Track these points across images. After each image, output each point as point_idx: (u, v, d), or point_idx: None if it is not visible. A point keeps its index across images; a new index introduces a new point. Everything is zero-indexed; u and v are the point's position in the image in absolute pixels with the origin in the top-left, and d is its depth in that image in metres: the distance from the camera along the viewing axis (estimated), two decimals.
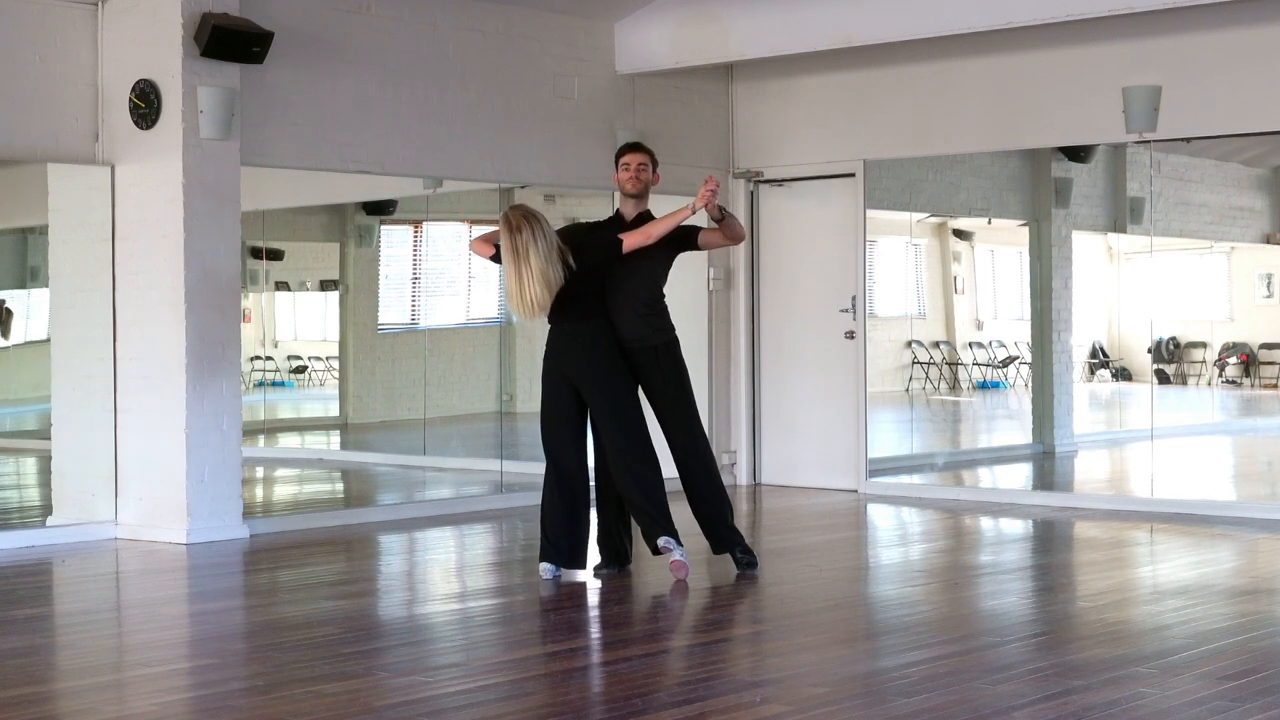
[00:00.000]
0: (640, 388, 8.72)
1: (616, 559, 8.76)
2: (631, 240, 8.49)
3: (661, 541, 8.42)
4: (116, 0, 10.15)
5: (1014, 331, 15.09)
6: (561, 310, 8.48)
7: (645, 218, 8.75)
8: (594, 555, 8.78)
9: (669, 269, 8.81)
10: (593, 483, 8.69)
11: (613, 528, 8.77)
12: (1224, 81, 11.05)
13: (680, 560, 8.42)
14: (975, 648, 6.86)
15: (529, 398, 14.43)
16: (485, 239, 8.65)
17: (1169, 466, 12.39)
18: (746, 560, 8.74)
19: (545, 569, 8.53)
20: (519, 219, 8.35)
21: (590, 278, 8.48)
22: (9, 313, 13.20)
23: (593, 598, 8.25)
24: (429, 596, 8.66)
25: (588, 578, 8.56)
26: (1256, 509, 11.18)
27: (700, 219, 8.65)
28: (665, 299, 8.80)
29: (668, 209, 8.71)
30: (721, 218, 8.60)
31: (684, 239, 8.70)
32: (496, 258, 8.52)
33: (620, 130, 12.27)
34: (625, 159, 8.83)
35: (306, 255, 15.58)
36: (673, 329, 8.79)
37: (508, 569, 9.31)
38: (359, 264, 15.25)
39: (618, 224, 8.78)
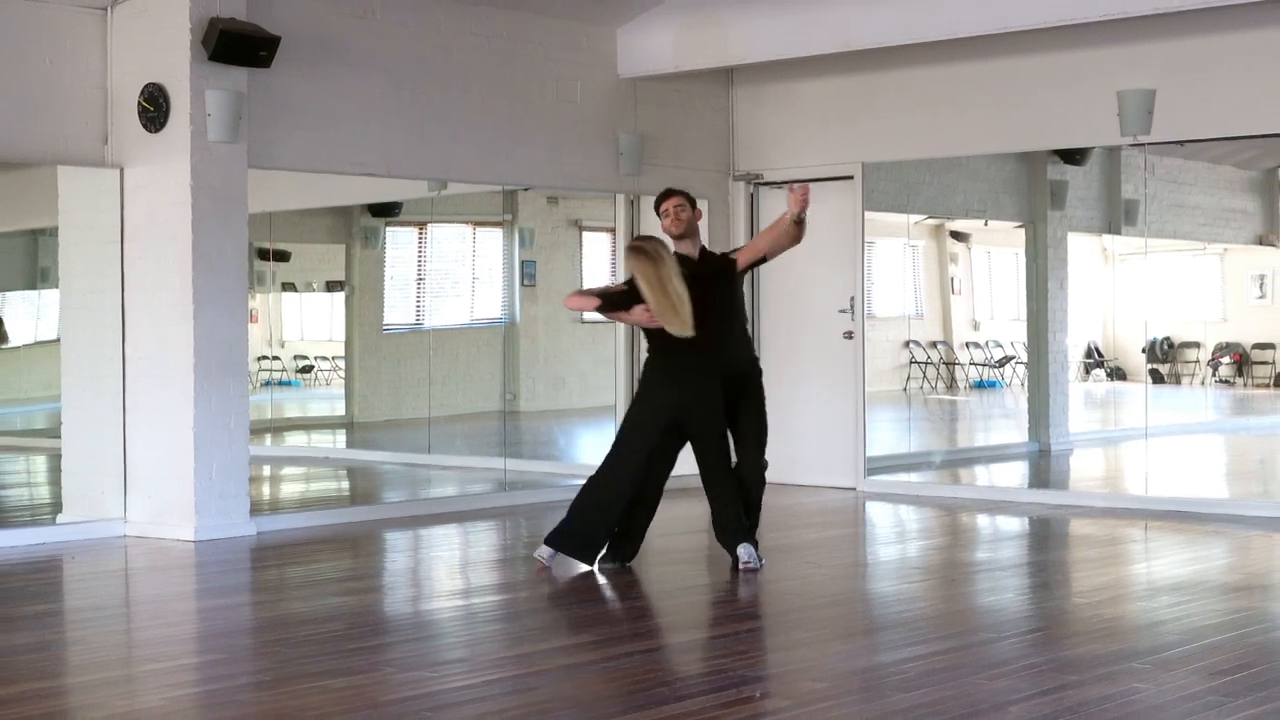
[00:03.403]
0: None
1: (622, 556, 8.80)
2: (743, 257, 8.75)
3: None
4: (125, 5, 10.16)
5: (1010, 332, 15.10)
6: (679, 340, 8.48)
7: (707, 254, 8.80)
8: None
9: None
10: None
11: (636, 528, 8.81)
12: (1217, 85, 11.04)
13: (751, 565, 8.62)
14: (972, 643, 6.86)
15: (532, 396, 14.48)
16: (586, 294, 8.93)
17: (1163, 465, 12.40)
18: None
19: (548, 553, 8.69)
20: (657, 248, 8.46)
21: (706, 307, 8.50)
22: None
23: (595, 594, 8.25)
24: (433, 593, 8.66)
25: (587, 571, 8.58)
26: (1249, 507, 11.17)
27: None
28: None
29: None
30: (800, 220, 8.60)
31: (728, 269, 8.85)
32: (603, 308, 8.64)
33: (622, 134, 12.28)
34: (663, 206, 8.80)
35: (313, 256, 15.59)
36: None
37: (511, 566, 9.31)
38: (364, 265, 15.25)
39: (686, 265, 8.63)
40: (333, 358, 15.77)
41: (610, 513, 8.65)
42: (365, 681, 6.16)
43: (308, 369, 15.93)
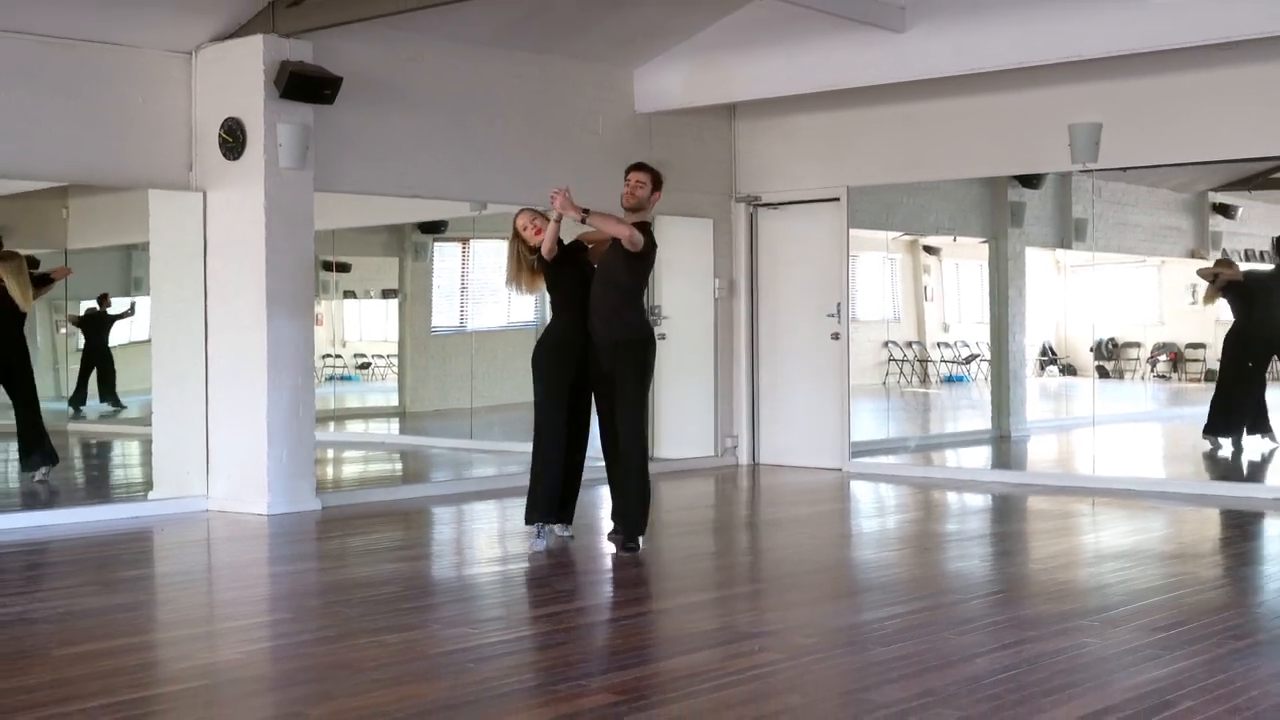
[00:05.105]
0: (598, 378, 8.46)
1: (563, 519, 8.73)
2: (543, 249, 8.31)
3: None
4: (208, 50, 10.17)
5: (975, 333, 15.07)
6: (557, 311, 8.54)
7: (639, 229, 8.57)
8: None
9: (633, 276, 8.39)
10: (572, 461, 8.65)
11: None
12: (1156, 119, 11.02)
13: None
14: (943, 604, 6.85)
15: None
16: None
17: (1108, 449, 12.36)
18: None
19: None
20: (526, 223, 8.52)
21: (552, 283, 8.49)
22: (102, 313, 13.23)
23: (612, 561, 8.24)
24: (475, 560, 8.66)
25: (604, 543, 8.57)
26: (1183, 485, 11.15)
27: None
28: (634, 305, 8.46)
29: (678, 230, 8.73)
30: (583, 219, 8.21)
31: (616, 246, 8.35)
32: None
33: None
34: (628, 177, 8.54)
35: (370, 268, 15.61)
36: (645, 329, 8.47)
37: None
38: (415, 275, 15.26)
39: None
40: (387, 356, 15.79)
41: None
42: (416, 637, 6.16)
43: (366, 365, 15.94)
